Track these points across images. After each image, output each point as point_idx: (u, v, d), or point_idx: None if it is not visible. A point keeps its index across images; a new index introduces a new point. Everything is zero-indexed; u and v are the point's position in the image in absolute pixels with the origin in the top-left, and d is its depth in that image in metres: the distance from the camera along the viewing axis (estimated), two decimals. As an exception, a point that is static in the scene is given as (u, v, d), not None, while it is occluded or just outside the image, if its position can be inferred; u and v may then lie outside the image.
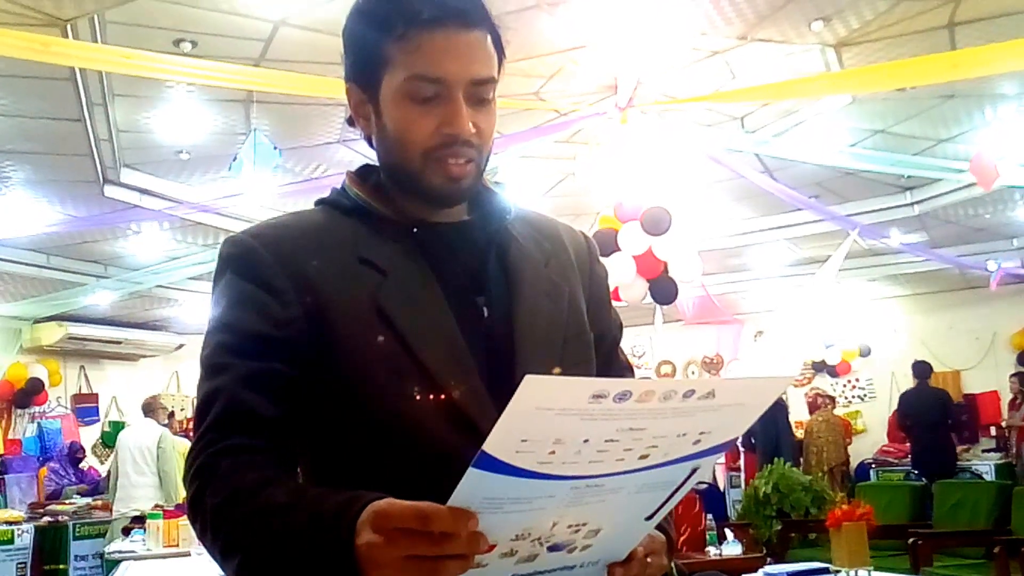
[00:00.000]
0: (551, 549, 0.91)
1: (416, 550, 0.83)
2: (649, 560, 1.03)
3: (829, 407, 11.80)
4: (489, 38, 1.15)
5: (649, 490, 0.91)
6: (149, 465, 7.76)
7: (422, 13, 1.10)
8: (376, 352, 1.08)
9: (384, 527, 0.85)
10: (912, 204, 8.80)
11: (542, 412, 0.77)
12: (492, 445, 0.79)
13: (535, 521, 0.87)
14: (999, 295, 10.77)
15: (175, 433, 8.92)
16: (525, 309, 1.17)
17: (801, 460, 11.13)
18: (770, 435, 10.18)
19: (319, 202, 1.24)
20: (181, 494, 7.52)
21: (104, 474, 10.24)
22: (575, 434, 0.80)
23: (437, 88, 1.12)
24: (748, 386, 0.90)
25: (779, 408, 10.99)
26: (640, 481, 0.89)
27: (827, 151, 7.19)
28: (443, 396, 1.07)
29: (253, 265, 1.12)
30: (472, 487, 0.81)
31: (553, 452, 0.80)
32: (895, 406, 11.10)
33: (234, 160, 5.63)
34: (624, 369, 1.33)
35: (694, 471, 0.92)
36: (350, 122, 1.24)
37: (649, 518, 0.96)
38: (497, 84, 1.18)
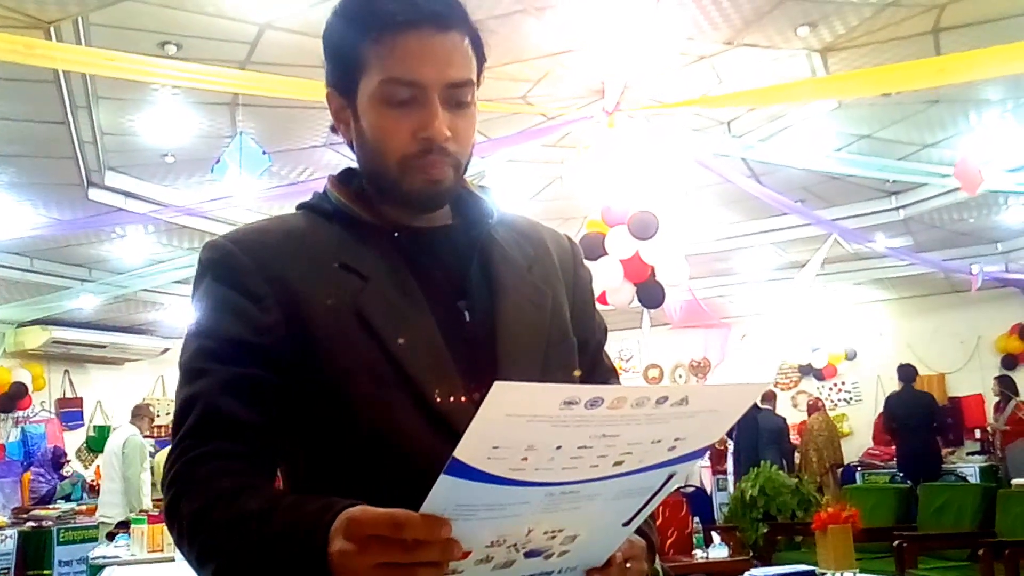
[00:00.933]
0: (528, 555, 0.90)
1: (389, 557, 0.82)
2: (629, 565, 1.02)
3: (822, 408, 11.95)
4: (467, 40, 1.14)
5: (625, 496, 0.91)
6: (116, 470, 7.71)
7: (396, 16, 1.09)
8: (356, 358, 1.07)
9: (357, 534, 0.84)
10: (897, 208, 8.85)
11: (513, 419, 0.76)
12: (463, 452, 0.78)
13: (510, 527, 0.86)
14: (983, 299, 10.84)
15: (154, 437, 8.88)
16: (508, 314, 1.16)
17: (797, 462, 11.21)
18: (750, 440, 10.20)
19: (300, 206, 1.23)
20: (144, 502, 7.49)
21: (90, 479, 10.23)
22: (547, 441, 0.79)
23: (412, 92, 1.11)
24: (721, 393, 0.90)
25: (760, 414, 11.05)
26: (616, 488, 0.88)
27: (813, 156, 7.22)
28: (424, 402, 1.06)
29: (233, 270, 1.11)
30: (445, 494, 0.80)
31: (526, 459, 0.80)
32: (881, 409, 11.15)
33: (217, 162, 5.60)
34: (608, 373, 1.32)
35: (670, 477, 0.92)
36: (333, 129, 1.23)
37: (627, 524, 0.96)
38: (477, 87, 1.17)
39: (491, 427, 0.77)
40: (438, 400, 1.06)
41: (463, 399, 1.06)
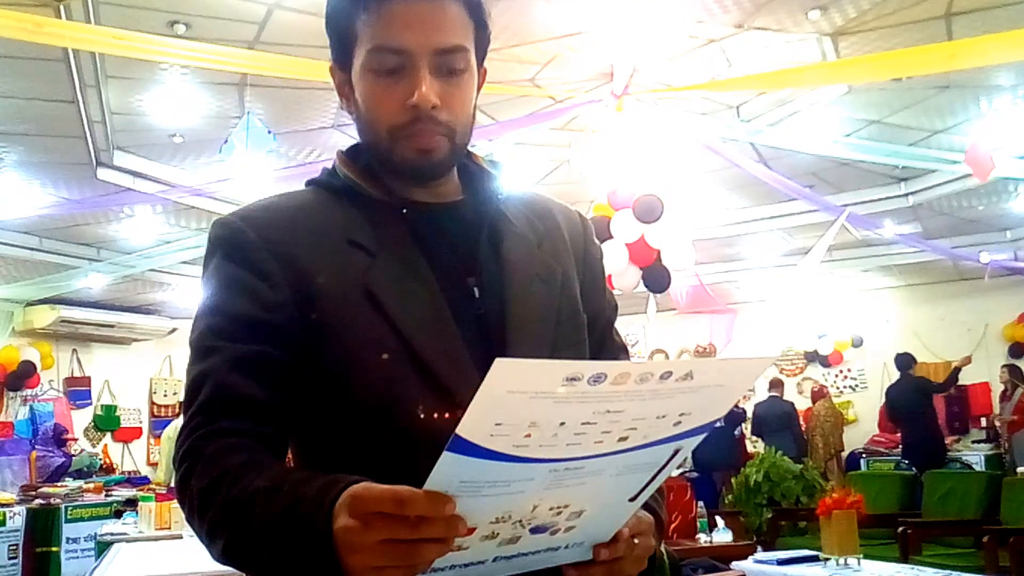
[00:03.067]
0: (534, 531, 0.90)
1: (393, 534, 0.83)
2: (636, 541, 1.02)
3: (828, 395, 11.98)
4: (460, 5, 1.12)
5: (631, 472, 0.90)
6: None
7: None
8: (365, 335, 1.07)
9: (361, 511, 0.84)
10: (906, 195, 8.81)
11: (514, 396, 0.76)
12: (466, 429, 0.78)
13: (515, 504, 0.86)
14: (991, 287, 10.80)
15: (159, 418, 9.02)
16: (517, 291, 1.15)
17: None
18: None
19: (309, 183, 1.23)
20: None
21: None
22: (550, 417, 0.79)
23: (400, 59, 1.10)
24: (726, 367, 0.89)
25: (768, 401, 11.07)
26: (621, 463, 0.88)
27: (822, 141, 7.19)
28: (433, 379, 1.06)
29: (242, 248, 1.11)
30: (448, 471, 0.80)
31: (529, 435, 0.79)
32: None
33: (225, 143, 5.60)
34: (618, 350, 1.31)
35: (676, 452, 0.91)
36: (342, 104, 1.23)
37: (633, 499, 0.95)
38: (474, 54, 1.15)
39: (493, 404, 0.76)
40: (446, 377, 1.06)
41: (472, 376, 1.05)
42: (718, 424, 0.96)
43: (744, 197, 9.00)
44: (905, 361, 10.13)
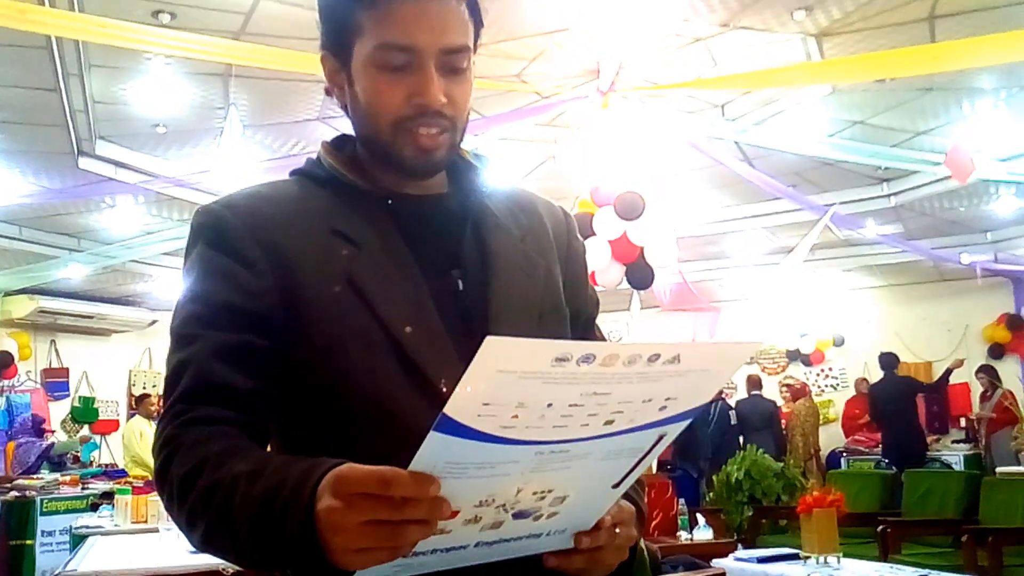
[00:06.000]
0: (516, 516, 0.90)
1: (377, 515, 0.82)
2: (617, 530, 1.02)
3: (809, 394, 12.08)
4: (464, 5, 1.13)
5: (615, 457, 0.90)
6: None
7: None
8: (349, 325, 1.06)
9: (344, 492, 0.84)
10: (888, 195, 8.87)
11: (504, 375, 0.76)
12: (453, 408, 0.77)
13: (499, 487, 0.86)
14: (972, 288, 10.89)
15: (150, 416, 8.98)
16: (500, 284, 1.15)
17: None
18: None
19: (293, 172, 1.22)
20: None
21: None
22: (538, 398, 0.78)
23: (407, 57, 1.10)
24: (714, 351, 0.89)
25: (749, 399, 11.11)
26: (606, 447, 0.88)
27: (806, 141, 7.22)
28: (415, 370, 1.06)
29: (225, 236, 1.10)
30: (434, 451, 0.80)
31: (516, 416, 0.79)
32: (864, 395, 11.25)
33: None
34: None
35: (661, 438, 0.91)
36: (328, 92, 1.22)
37: (616, 486, 0.95)
38: (473, 52, 1.16)
39: (482, 383, 0.76)
40: (429, 368, 1.06)
41: (455, 367, 1.05)
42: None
43: (728, 195, 9.03)
44: (889, 360, 10.19)
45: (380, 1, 1.09)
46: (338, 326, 1.06)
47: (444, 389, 1.03)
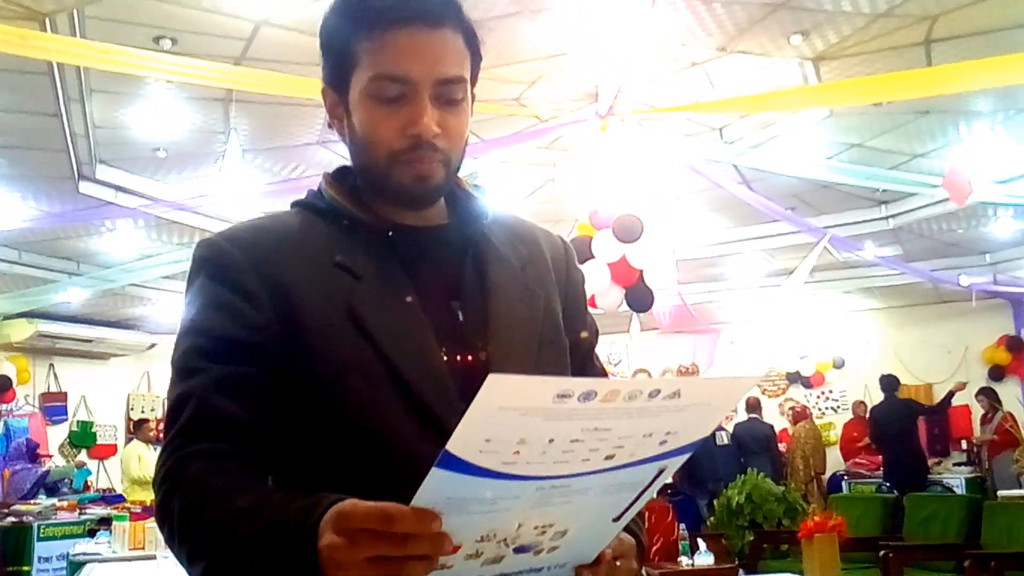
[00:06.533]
0: (517, 551, 0.90)
1: (379, 551, 0.82)
2: (618, 563, 1.02)
3: (810, 416, 12.03)
4: (460, 37, 1.14)
5: (616, 491, 0.91)
6: None
7: (387, 12, 1.09)
8: (349, 357, 1.06)
9: (346, 528, 0.84)
10: (887, 218, 8.88)
11: (506, 412, 0.76)
12: (455, 445, 0.78)
13: (500, 522, 0.86)
14: (971, 309, 10.89)
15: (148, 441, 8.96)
16: (500, 314, 1.16)
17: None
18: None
19: (295, 204, 1.23)
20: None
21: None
22: (540, 434, 0.79)
23: (402, 88, 1.11)
24: (713, 386, 0.90)
25: (747, 422, 11.06)
26: (607, 482, 0.88)
27: (804, 163, 7.24)
28: (416, 401, 1.06)
29: (226, 269, 1.11)
30: (435, 487, 0.80)
31: (517, 452, 0.80)
32: (865, 418, 11.20)
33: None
34: (599, 376, 1.32)
35: (661, 471, 0.92)
36: (331, 125, 1.23)
37: (617, 519, 0.95)
38: (469, 83, 1.16)
39: (484, 420, 0.76)
40: (429, 400, 1.06)
41: (455, 399, 1.06)
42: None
43: (727, 218, 9.05)
44: (890, 382, 10.18)
45: (376, 33, 1.10)
46: (338, 358, 1.06)
47: (443, 421, 1.03)
